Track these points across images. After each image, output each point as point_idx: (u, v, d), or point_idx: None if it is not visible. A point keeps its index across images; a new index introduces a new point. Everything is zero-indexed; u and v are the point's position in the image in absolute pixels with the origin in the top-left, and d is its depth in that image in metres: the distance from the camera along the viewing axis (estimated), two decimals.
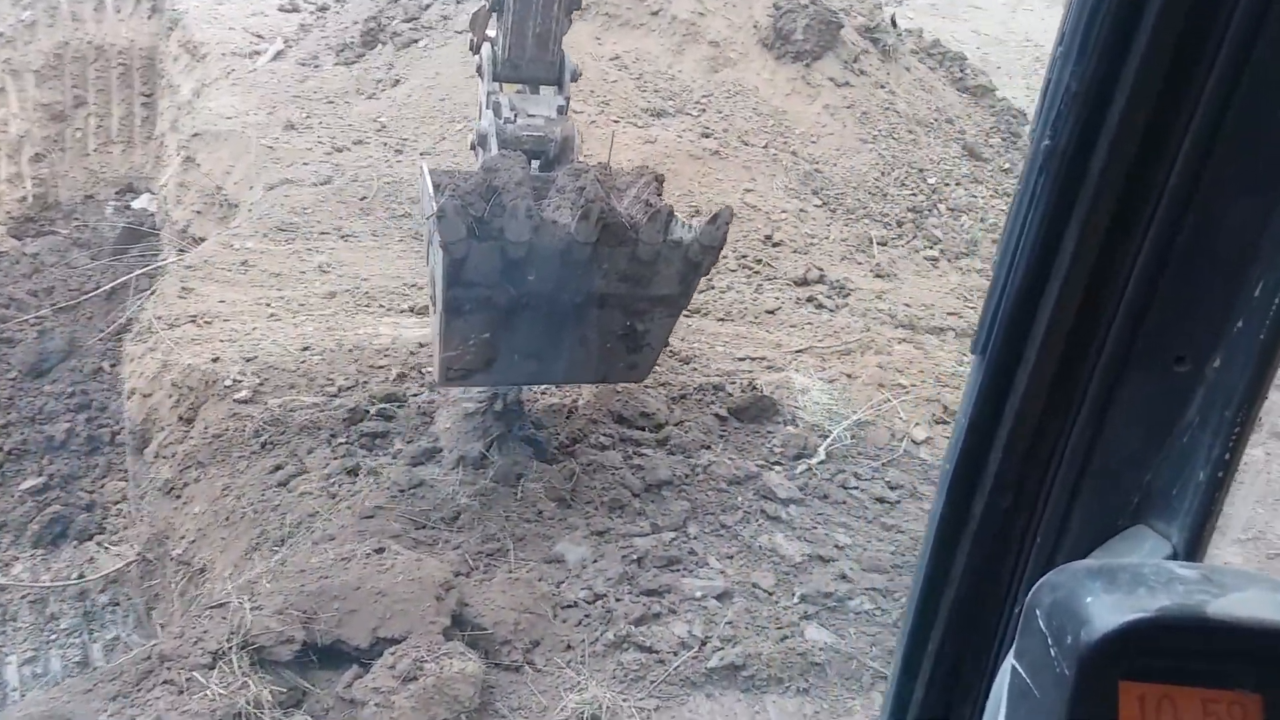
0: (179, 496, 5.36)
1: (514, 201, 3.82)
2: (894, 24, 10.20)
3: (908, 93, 9.59)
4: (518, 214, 3.82)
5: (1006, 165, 9.18)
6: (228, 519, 4.83)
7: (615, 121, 9.15)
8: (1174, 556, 1.06)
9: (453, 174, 4.38)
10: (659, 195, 4.21)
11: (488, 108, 4.72)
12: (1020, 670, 0.95)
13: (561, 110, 4.77)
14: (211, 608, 3.81)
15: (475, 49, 4.94)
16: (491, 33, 4.83)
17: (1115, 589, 0.89)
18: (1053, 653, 0.89)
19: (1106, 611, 0.86)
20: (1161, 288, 1.01)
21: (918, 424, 5.96)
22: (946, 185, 8.86)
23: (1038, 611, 0.93)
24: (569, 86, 4.83)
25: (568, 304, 4.24)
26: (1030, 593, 0.96)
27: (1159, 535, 1.08)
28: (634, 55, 9.79)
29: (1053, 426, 1.09)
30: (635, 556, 4.59)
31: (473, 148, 5.02)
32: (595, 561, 4.55)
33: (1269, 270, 0.97)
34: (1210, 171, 0.97)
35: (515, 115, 4.68)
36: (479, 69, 4.81)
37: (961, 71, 10.27)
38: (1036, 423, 1.10)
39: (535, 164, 4.77)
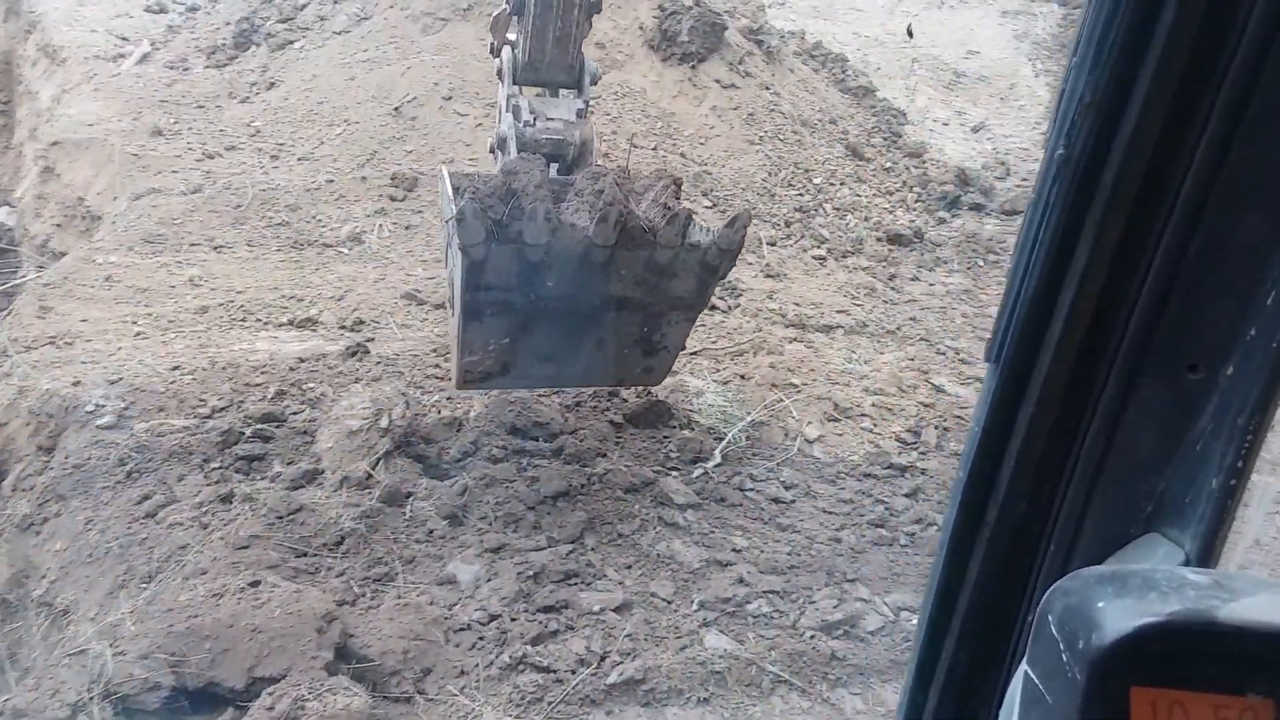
0: (39, 533, 4.99)
1: (533, 204, 3.87)
2: (910, 34, 10.24)
3: (792, 94, 9.70)
4: (536, 217, 3.88)
5: (889, 164, 9.36)
6: (91, 556, 4.52)
7: None
8: (1187, 563, 1.06)
9: (472, 177, 4.42)
10: (677, 199, 4.28)
11: (507, 111, 4.79)
12: (1033, 676, 0.95)
13: (581, 114, 4.86)
14: (70, 655, 3.54)
15: (495, 52, 5.02)
16: (512, 36, 4.89)
17: (1126, 594, 0.89)
18: (1065, 658, 0.89)
19: (1117, 616, 0.86)
20: (1174, 295, 1.02)
21: (810, 423, 5.99)
22: (832, 185, 8.98)
23: (1050, 617, 0.93)
24: (588, 90, 4.91)
25: (586, 307, 4.29)
26: (1043, 599, 0.96)
27: (1172, 543, 1.09)
28: None
29: (1066, 434, 1.10)
30: (531, 572, 4.47)
31: (492, 151, 5.09)
32: (489, 580, 4.42)
33: None
34: (1223, 180, 0.97)
35: (534, 118, 4.75)
36: (499, 72, 4.88)
37: (843, 72, 10.44)
38: (1050, 430, 1.11)
39: (554, 167, 4.85)
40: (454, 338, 4.38)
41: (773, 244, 8.37)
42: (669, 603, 4.44)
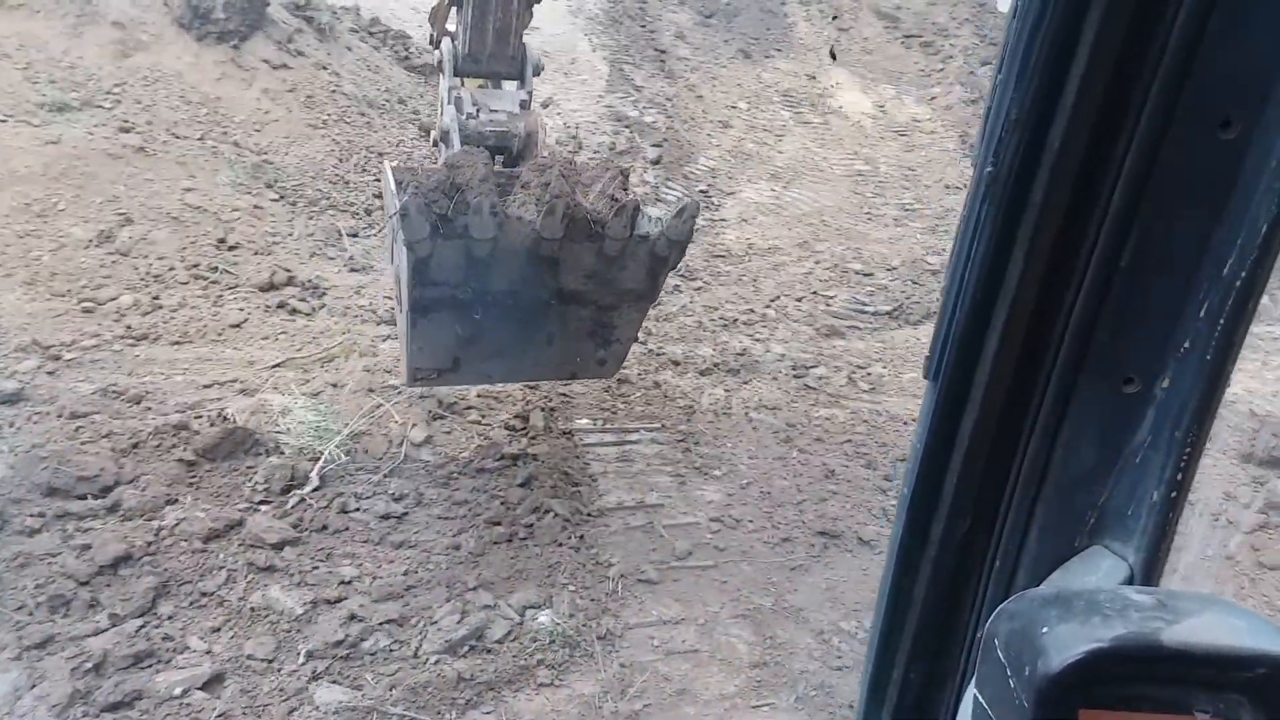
0: None
1: (478, 198, 3.82)
2: (833, 56, 10.17)
3: (353, 73, 9.12)
4: (482, 211, 3.83)
5: None
6: None
7: (2, 120, 7.50)
8: (1131, 576, 1.07)
9: (415, 171, 4.28)
10: (625, 190, 4.24)
11: (449, 103, 4.71)
12: (981, 700, 0.95)
13: (524, 105, 4.81)
14: None
15: (435, 44, 4.95)
16: (451, 27, 4.82)
17: (1071, 618, 0.89)
18: (1012, 684, 0.90)
19: (1063, 642, 0.87)
20: (1107, 310, 1.03)
21: (415, 425, 5.64)
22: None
23: (996, 641, 0.93)
24: (531, 81, 4.86)
25: (535, 301, 4.25)
26: (989, 621, 0.96)
27: (1116, 555, 1.10)
28: (16, 40, 8.10)
29: (1006, 449, 1.11)
30: (90, 664, 3.70)
31: (435, 144, 4.99)
32: (33, 687, 3.58)
33: (1213, 290, 0.98)
34: (1151, 194, 0.98)
35: (478, 110, 4.70)
36: (439, 64, 4.79)
37: (406, 50, 10.03)
38: (990, 445, 1.11)
39: (499, 159, 4.80)
40: (402, 335, 4.31)
41: (354, 235, 7.82)
42: (269, 663, 3.89)
